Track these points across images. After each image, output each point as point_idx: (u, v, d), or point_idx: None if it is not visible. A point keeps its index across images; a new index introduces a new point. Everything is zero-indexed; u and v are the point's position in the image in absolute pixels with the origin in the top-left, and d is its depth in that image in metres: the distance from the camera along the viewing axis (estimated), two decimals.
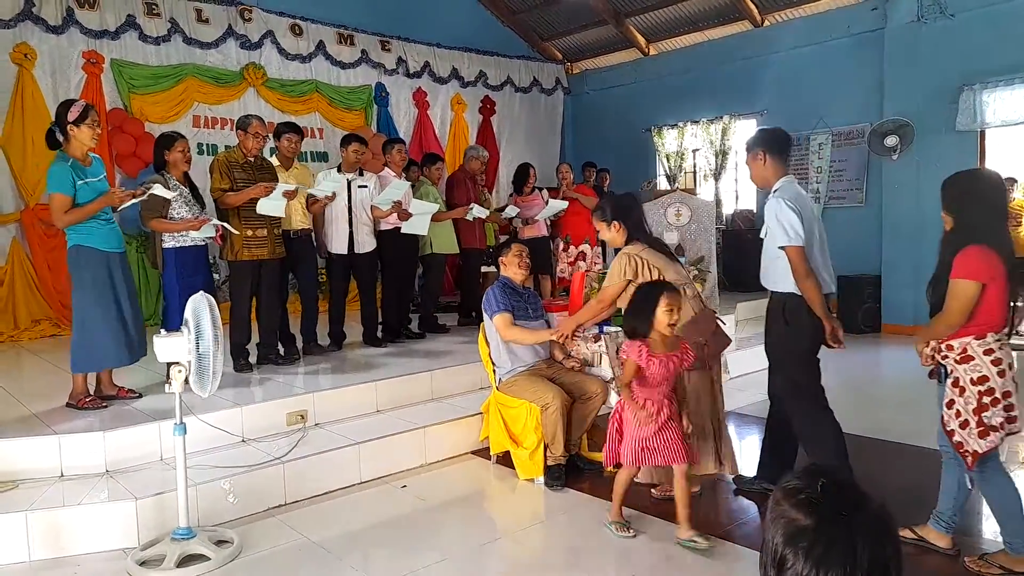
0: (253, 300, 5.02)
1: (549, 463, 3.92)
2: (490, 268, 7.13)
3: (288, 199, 4.87)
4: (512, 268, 4.25)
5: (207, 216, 4.56)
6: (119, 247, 4.11)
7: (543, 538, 3.46)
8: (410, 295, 6.62)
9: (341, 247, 5.54)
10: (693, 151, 9.95)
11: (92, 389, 4.19)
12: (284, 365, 5.12)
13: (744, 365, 5.94)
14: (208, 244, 4.70)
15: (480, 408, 4.40)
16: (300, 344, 5.46)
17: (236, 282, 4.96)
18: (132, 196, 4.00)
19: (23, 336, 6.61)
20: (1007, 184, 7.91)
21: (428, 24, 9.62)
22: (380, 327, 5.93)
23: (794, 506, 1.03)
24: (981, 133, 7.29)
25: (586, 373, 4.21)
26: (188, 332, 2.97)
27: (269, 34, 8.22)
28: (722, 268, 7.24)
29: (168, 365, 3.06)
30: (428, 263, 6.52)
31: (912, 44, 7.63)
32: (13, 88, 6.67)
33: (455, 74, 10.00)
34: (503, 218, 7.21)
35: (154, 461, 3.73)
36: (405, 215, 5.76)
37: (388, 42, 9.32)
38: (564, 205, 7.10)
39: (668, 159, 10.27)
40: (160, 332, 3.07)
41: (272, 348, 5.17)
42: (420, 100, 9.66)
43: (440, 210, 6.22)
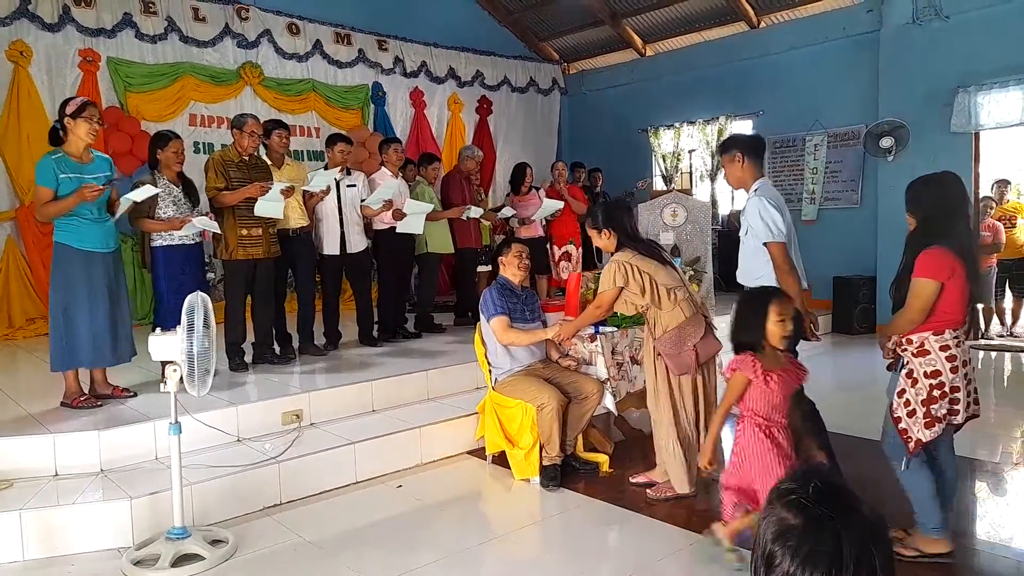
0: (248, 299, 5.02)
1: (544, 463, 3.92)
2: (486, 267, 7.13)
3: (285, 197, 4.88)
4: (511, 268, 4.22)
5: (190, 215, 4.53)
6: (106, 246, 4.04)
7: (538, 538, 3.47)
8: (406, 295, 6.62)
9: (333, 248, 5.53)
10: (689, 152, 9.95)
11: (86, 388, 4.18)
12: (280, 364, 5.12)
13: None
14: (202, 243, 4.69)
15: (476, 408, 4.41)
16: (296, 343, 5.46)
17: (231, 281, 4.95)
18: (101, 192, 3.89)
19: (17, 335, 6.59)
20: (1000, 186, 7.97)
21: (425, 24, 9.61)
22: (376, 327, 5.93)
23: (785, 505, 1.05)
24: (976, 135, 7.30)
25: (582, 373, 4.21)
26: (182, 331, 2.97)
27: (266, 33, 8.20)
28: (718, 268, 7.24)
29: (163, 364, 3.05)
30: (423, 262, 6.52)
31: (907, 46, 7.65)
32: (9, 86, 6.64)
33: (452, 74, 10.00)
34: (498, 218, 7.21)
35: (149, 460, 3.72)
36: (399, 215, 5.77)
37: (385, 41, 9.30)
38: (560, 205, 7.10)
39: (664, 160, 10.28)
40: (156, 331, 3.07)
41: (268, 347, 5.17)
42: (417, 100, 9.65)
43: (435, 210, 6.22)
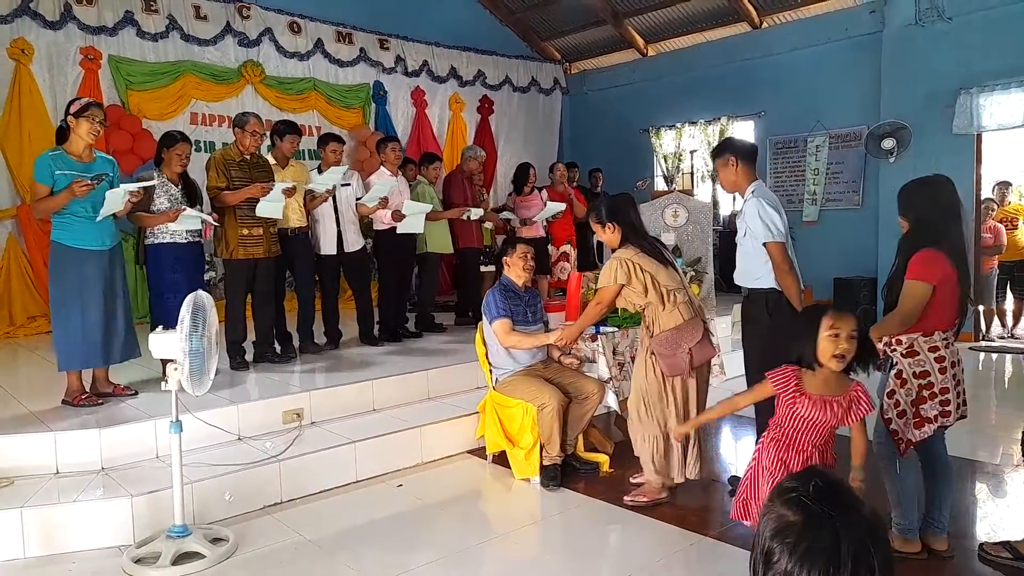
0: (248, 298, 5.02)
1: (545, 463, 3.93)
2: (488, 267, 7.13)
3: (287, 197, 4.87)
4: (516, 270, 4.19)
5: (184, 207, 4.48)
6: (102, 244, 4.02)
7: (538, 538, 3.47)
8: (407, 294, 6.62)
9: (331, 247, 5.53)
10: (691, 152, 9.95)
11: (88, 387, 4.18)
12: (280, 363, 5.12)
13: (740, 366, 5.91)
14: (201, 242, 4.69)
15: (476, 407, 4.41)
16: (296, 342, 5.46)
17: (231, 280, 4.95)
18: (92, 188, 3.85)
19: (19, 333, 6.59)
20: (1002, 188, 7.97)
21: (427, 23, 9.61)
22: (377, 326, 5.93)
23: (785, 503, 1.05)
24: (978, 136, 7.30)
25: (583, 373, 4.21)
26: (182, 330, 2.97)
27: (267, 31, 8.20)
28: (719, 269, 7.23)
29: (164, 363, 3.06)
30: (423, 262, 6.52)
31: (909, 47, 7.64)
32: (10, 84, 6.64)
33: (453, 73, 9.99)
34: (500, 219, 7.22)
35: (150, 459, 3.72)
36: (398, 216, 5.78)
37: (387, 40, 9.30)
38: (562, 207, 7.11)
39: (666, 160, 10.28)
40: (158, 329, 3.07)
41: (268, 346, 5.17)
42: (418, 99, 9.64)
43: (435, 209, 6.23)
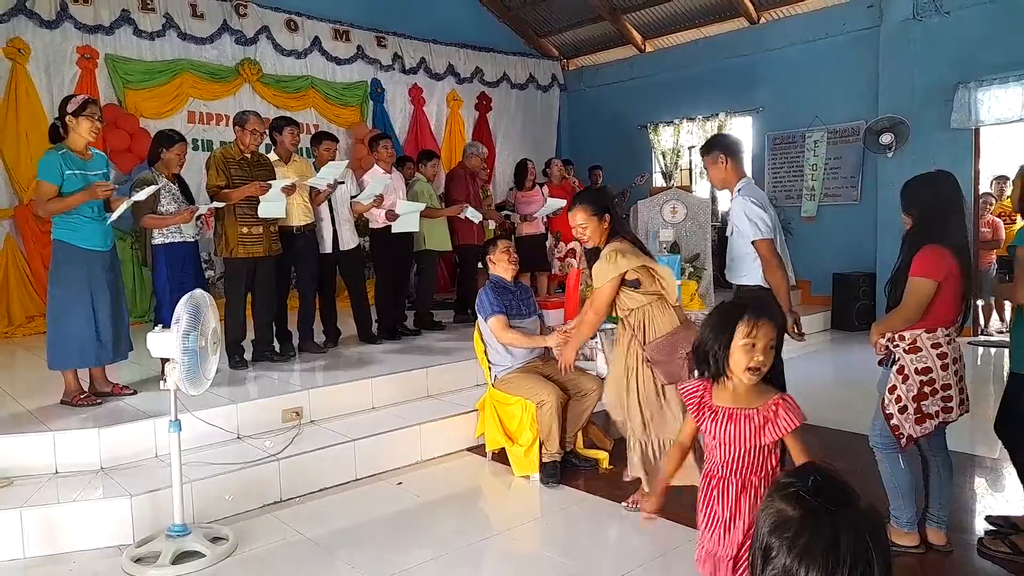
0: (248, 297, 5.01)
1: (544, 460, 3.93)
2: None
3: (287, 195, 4.87)
4: (501, 265, 4.23)
5: (195, 207, 4.58)
6: (104, 245, 4.04)
7: (538, 535, 3.47)
8: (405, 292, 6.62)
9: (327, 246, 5.53)
10: (689, 148, 9.94)
11: (86, 386, 4.17)
12: (280, 362, 5.12)
13: None
14: (199, 241, 4.69)
15: (476, 405, 4.41)
16: (296, 341, 5.46)
17: (231, 279, 4.95)
18: (113, 191, 3.92)
19: (17, 332, 6.58)
20: (1000, 182, 7.97)
21: (424, 20, 9.59)
22: (376, 324, 5.93)
23: (783, 498, 1.06)
24: (976, 131, 7.30)
25: (582, 370, 4.21)
26: (179, 329, 2.96)
27: (264, 29, 8.18)
28: (717, 265, 7.24)
29: (162, 362, 3.05)
30: (421, 260, 6.51)
31: (907, 42, 7.63)
32: (6, 84, 6.63)
33: (451, 70, 9.97)
34: (501, 216, 7.21)
35: (149, 458, 3.72)
36: (392, 216, 5.77)
37: (384, 38, 9.28)
38: (562, 204, 7.10)
39: (664, 156, 10.27)
40: (157, 328, 3.06)
41: (268, 345, 5.17)
42: (416, 96, 9.63)
43: (432, 207, 6.21)
